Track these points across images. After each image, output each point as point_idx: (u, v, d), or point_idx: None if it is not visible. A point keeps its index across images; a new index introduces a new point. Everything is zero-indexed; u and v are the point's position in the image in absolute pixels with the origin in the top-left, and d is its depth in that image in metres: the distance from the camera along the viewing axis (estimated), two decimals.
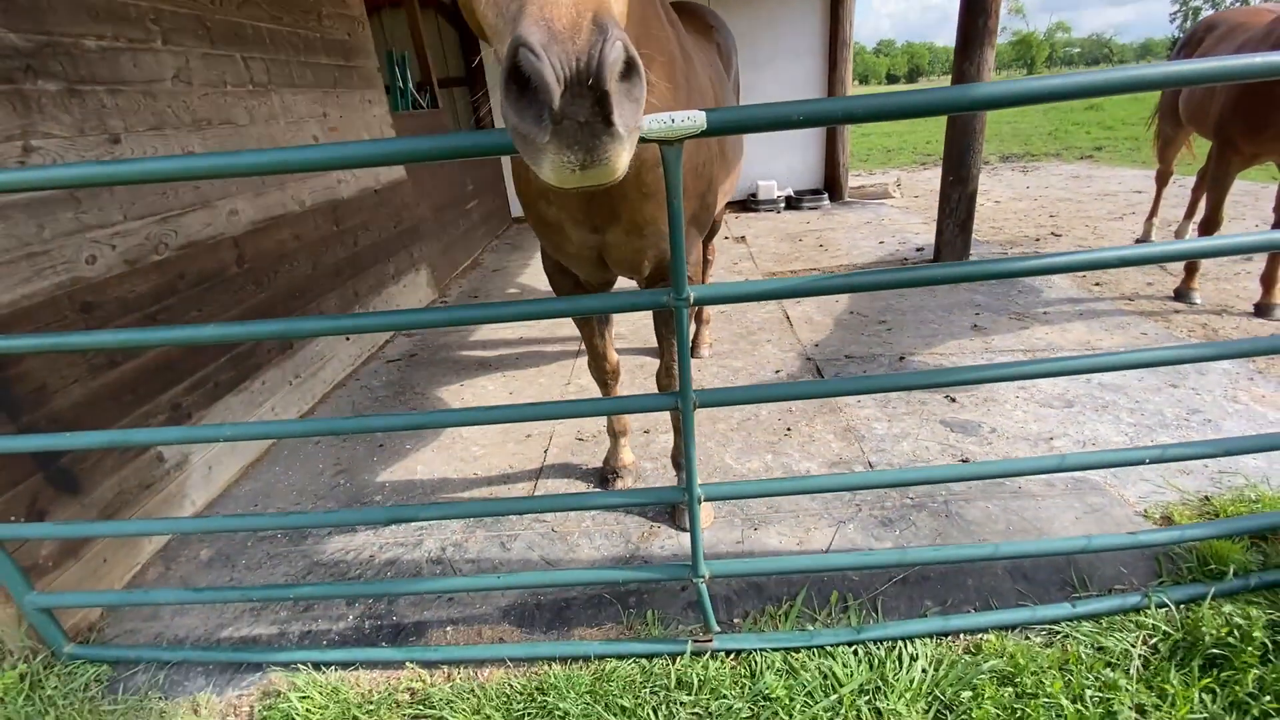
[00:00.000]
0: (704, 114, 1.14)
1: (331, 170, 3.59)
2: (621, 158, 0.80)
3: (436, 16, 7.60)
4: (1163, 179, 5.12)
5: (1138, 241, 5.05)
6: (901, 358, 3.64)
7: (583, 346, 4.25)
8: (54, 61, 2.23)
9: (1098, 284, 4.48)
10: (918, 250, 5.70)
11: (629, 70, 0.74)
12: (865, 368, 3.58)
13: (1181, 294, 4.05)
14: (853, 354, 3.75)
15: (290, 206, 3.63)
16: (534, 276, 6.27)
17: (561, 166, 0.78)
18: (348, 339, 4.18)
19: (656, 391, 2.52)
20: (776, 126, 1.18)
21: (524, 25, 0.70)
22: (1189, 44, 4.40)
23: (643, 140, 1.14)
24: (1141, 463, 1.65)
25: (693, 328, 3.83)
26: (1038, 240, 5.80)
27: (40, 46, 2.18)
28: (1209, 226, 3.76)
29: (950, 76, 4.76)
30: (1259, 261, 4.18)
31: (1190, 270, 4.03)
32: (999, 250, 5.61)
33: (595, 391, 3.55)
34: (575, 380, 3.82)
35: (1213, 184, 3.77)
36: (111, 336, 1.59)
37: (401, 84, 5.83)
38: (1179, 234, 5.00)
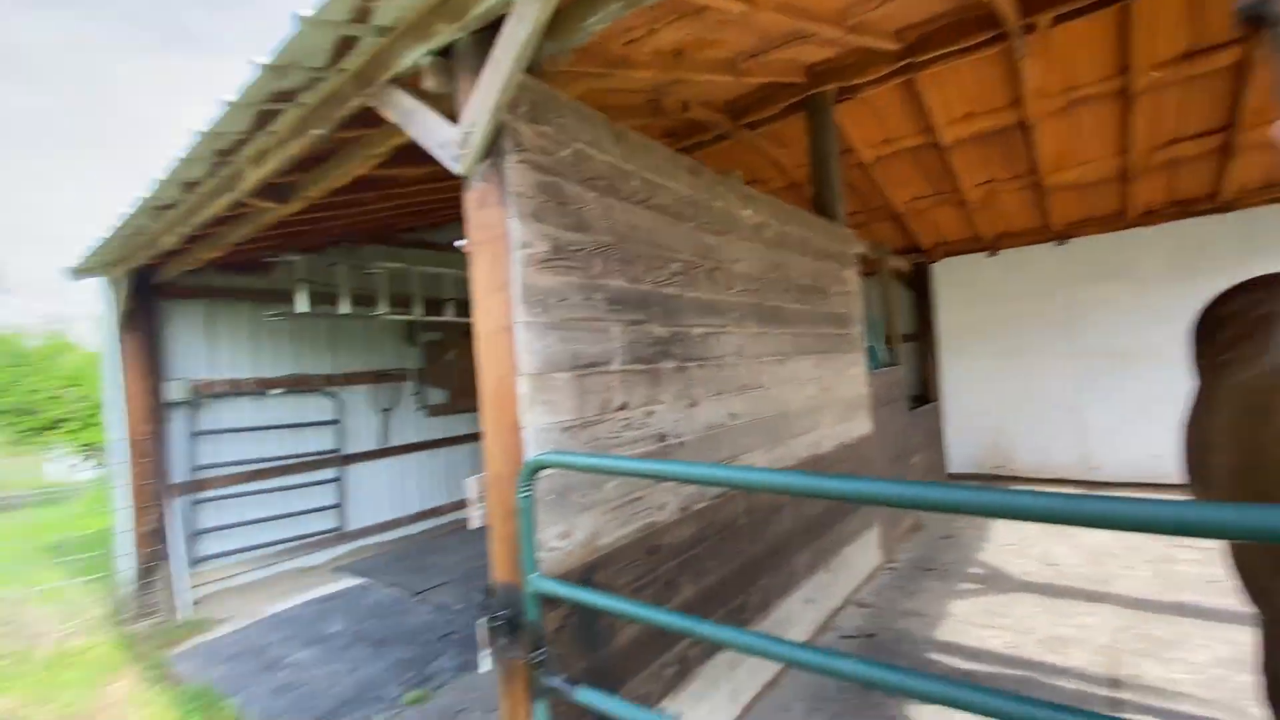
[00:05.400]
0: None
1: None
2: None
3: (897, 282, 8.12)
4: None
5: None
6: None
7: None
8: (675, 346, 2.78)
9: None
10: None
11: None
12: None
13: None
14: None
15: (787, 461, 3.75)
16: (998, 554, 5.15)
17: None
18: (809, 601, 3.87)
19: None
20: None
21: None
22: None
23: None
24: None
25: None
26: None
27: (672, 335, 2.76)
28: None
29: None
30: None
31: None
32: None
33: None
34: None
35: None
36: (626, 606, 1.53)
37: (872, 345, 6.09)
38: None
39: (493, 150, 1.95)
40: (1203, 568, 4.48)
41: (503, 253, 1.96)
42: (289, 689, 3.62)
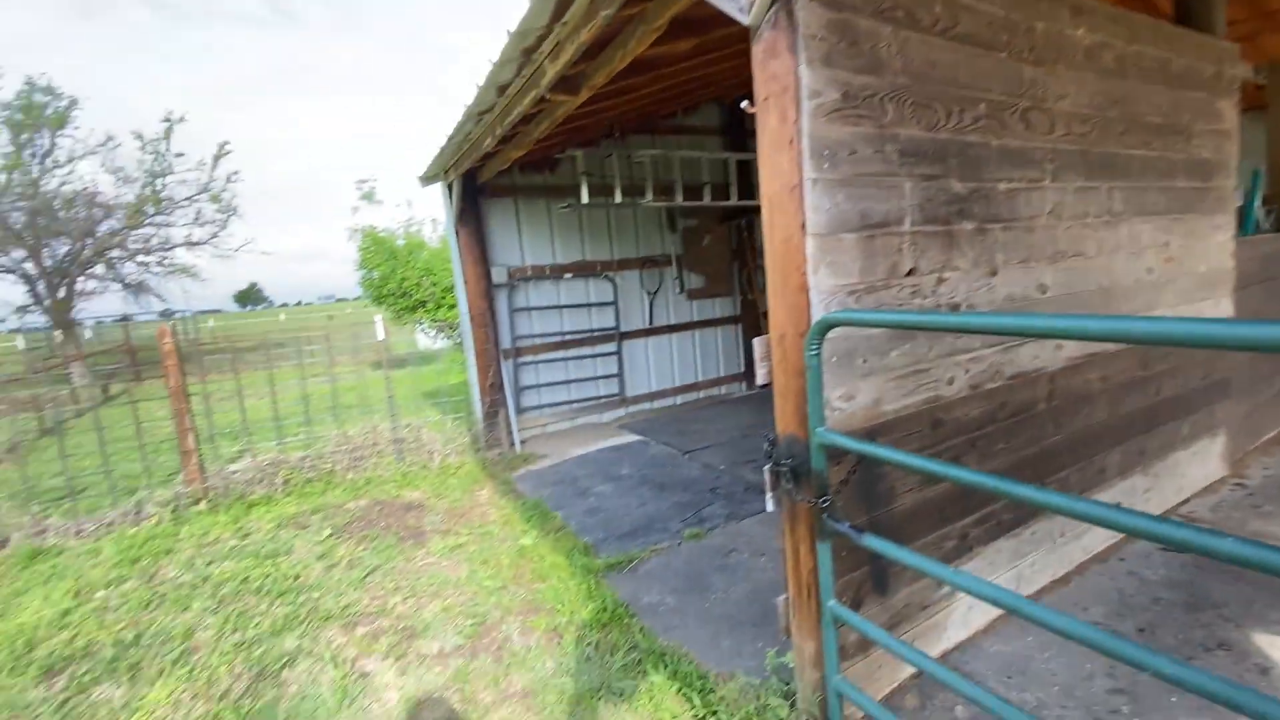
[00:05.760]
0: None
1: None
2: None
3: None
4: None
5: None
6: None
7: None
8: (975, 204, 2.46)
9: None
10: None
11: None
12: None
13: None
14: None
15: (1106, 345, 3.18)
16: None
17: None
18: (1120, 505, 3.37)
19: None
20: None
21: None
22: None
23: None
24: None
25: None
26: None
27: (971, 192, 2.44)
28: None
29: None
30: None
31: None
32: None
33: None
34: None
35: None
36: (934, 465, 1.44)
37: (1249, 203, 4.60)
38: None
39: None
40: None
41: (791, 105, 1.91)
42: (597, 511, 4.48)
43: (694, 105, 7.41)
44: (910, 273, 2.26)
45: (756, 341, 2.17)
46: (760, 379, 2.19)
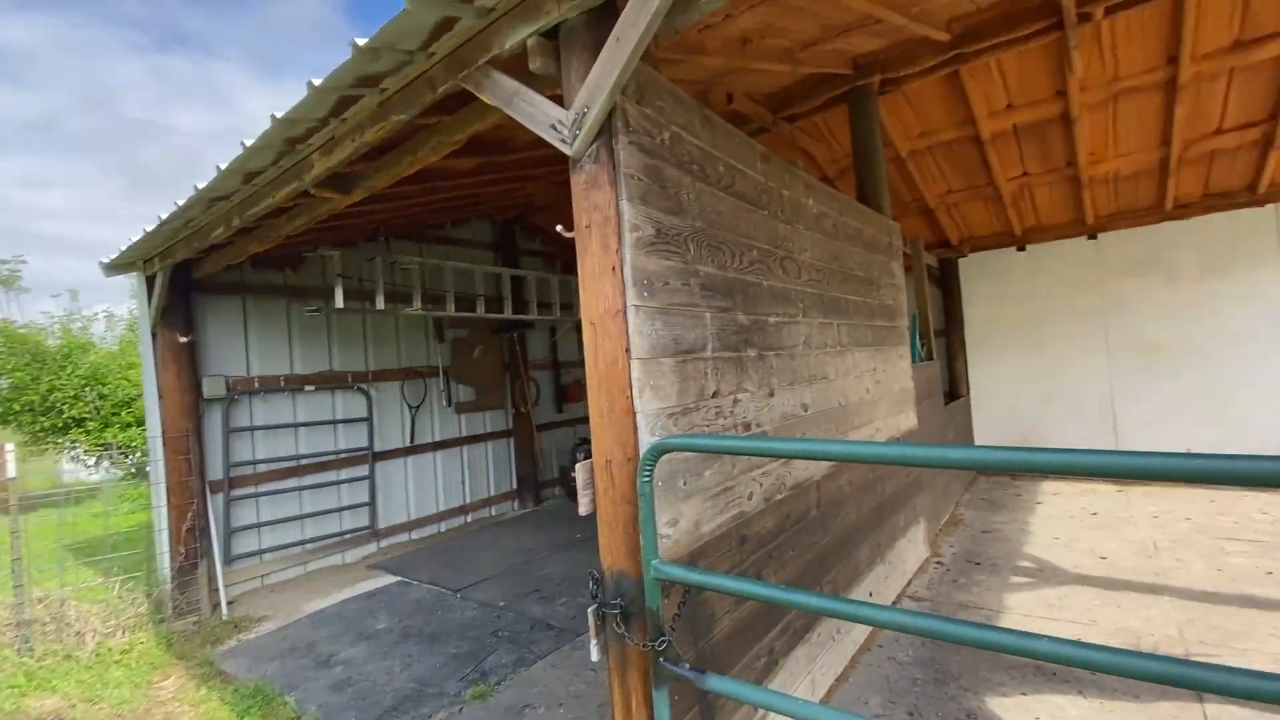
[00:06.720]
0: None
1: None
2: None
3: (929, 281, 8.13)
4: None
5: None
6: None
7: None
8: (755, 334, 2.74)
9: None
10: None
11: None
12: None
13: None
14: None
15: None
16: (1046, 549, 5.11)
17: None
18: (870, 595, 3.84)
19: None
20: None
21: None
22: None
23: None
24: None
25: None
26: None
27: (753, 323, 2.72)
28: None
29: None
30: None
31: None
32: None
33: None
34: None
35: None
36: (768, 590, 1.50)
37: (913, 339, 6.08)
38: None
39: (604, 131, 1.91)
40: (1256, 560, 4.46)
41: (613, 235, 1.91)
42: (346, 685, 3.56)
43: (464, 219, 7.37)
44: (714, 395, 2.36)
45: (579, 467, 2.00)
46: (583, 509, 1.99)
